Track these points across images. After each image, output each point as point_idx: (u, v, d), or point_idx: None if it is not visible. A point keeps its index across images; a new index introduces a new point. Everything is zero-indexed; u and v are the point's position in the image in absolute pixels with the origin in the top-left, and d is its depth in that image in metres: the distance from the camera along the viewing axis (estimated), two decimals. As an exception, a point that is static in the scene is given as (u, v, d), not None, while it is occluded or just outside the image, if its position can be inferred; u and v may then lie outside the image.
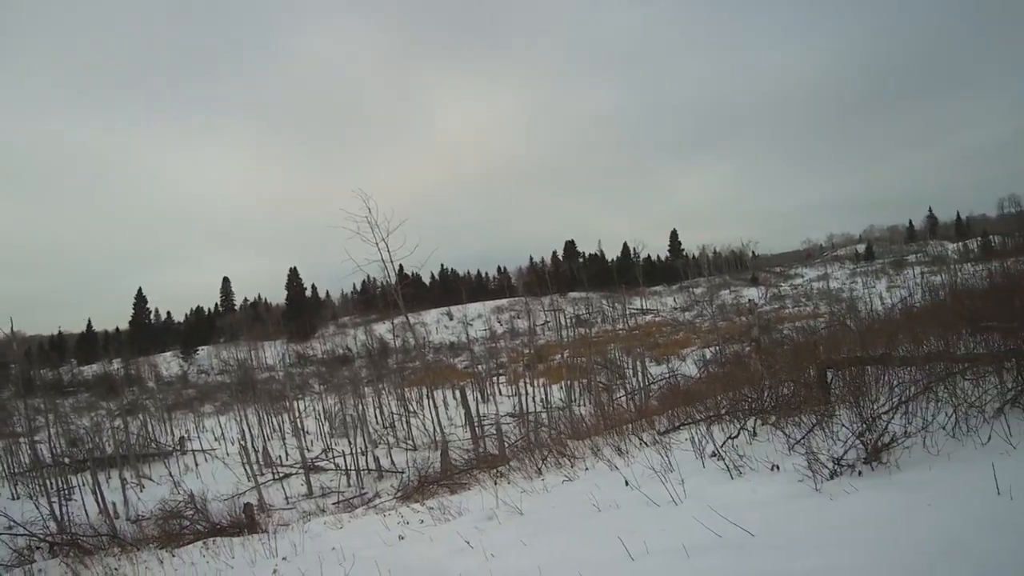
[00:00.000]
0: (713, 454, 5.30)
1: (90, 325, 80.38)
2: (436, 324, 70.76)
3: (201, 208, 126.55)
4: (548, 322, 60.51)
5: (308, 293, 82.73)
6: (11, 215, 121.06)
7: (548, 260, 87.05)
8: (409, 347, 51.90)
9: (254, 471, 23.30)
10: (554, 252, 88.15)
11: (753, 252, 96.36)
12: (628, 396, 22.11)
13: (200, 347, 73.20)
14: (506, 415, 27.91)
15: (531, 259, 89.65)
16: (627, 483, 5.34)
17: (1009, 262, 12.42)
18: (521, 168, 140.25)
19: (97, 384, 58.45)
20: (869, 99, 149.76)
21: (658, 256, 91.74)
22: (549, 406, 26.94)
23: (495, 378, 40.90)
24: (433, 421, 25.08)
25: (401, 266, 18.87)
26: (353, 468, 23.79)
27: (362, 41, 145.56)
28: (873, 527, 3.00)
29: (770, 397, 5.93)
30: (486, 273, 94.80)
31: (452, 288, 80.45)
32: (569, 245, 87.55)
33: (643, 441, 7.64)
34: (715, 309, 59.51)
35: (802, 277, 77.49)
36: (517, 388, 32.61)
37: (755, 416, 5.80)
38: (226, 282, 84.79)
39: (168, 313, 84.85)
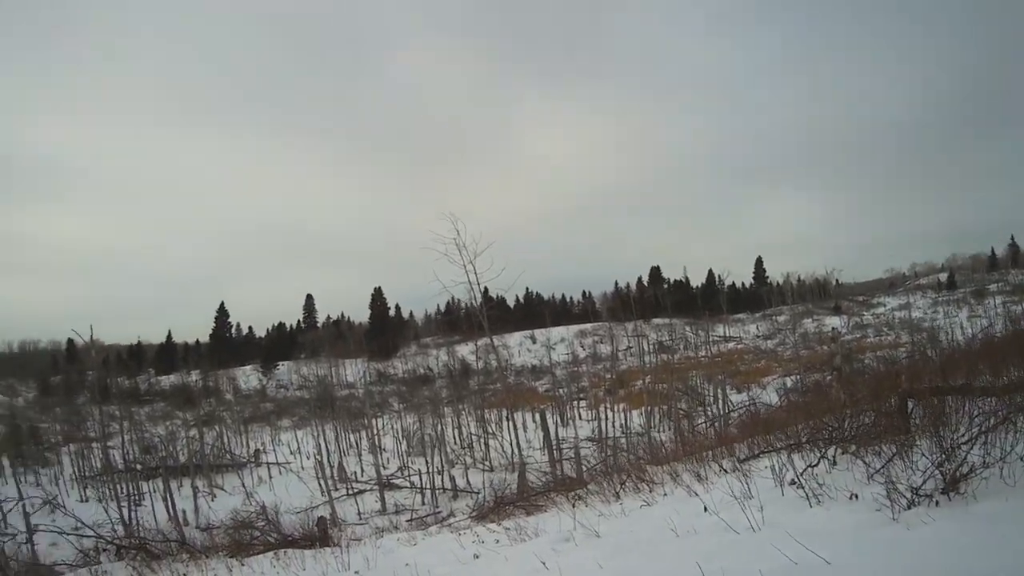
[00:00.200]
0: (792, 482, 5.24)
1: (170, 336, 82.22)
2: (519, 347, 71.34)
3: (287, 225, 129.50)
4: (631, 347, 59.79)
5: (391, 312, 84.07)
6: (99, 225, 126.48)
7: (633, 285, 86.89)
8: (491, 369, 52.32)
9: (328, 486, 23.47)
10: (639, 278, 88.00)
11: (836, 280, 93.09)
12: (708, 423, 21.63)
13: (280, 362, 74.62)
14: (585, 439, 27.82)
15: (616, 284, 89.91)
16: (706, 509, 5.26)
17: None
18: (608, 194, 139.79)
19: (174, 394, 59.22)
20: (955, 128, 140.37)
21: (742, 283, 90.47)
22: (628, 432, 26.63)
23: (575, 402, 40.78)
24: (512, 443, 25.39)
25: (486, 288, 19.26)
26: (428, 487, 23.80)
27: (452, 65, 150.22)
28: (948, 558, 2.99)
29: (850, 426, 5.87)
30: (570, 297, 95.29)
31: (536, 311, 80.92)
32: (654, 271, 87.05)
33: (722, 468, 7.53)
34: (797, 337, 57.98)
35: (884, 306, 74.38)
36: (597, 413, 32.42)
37: (836, 445, 5.74)
38: (309, 299, 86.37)
39: (250, 328, 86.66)
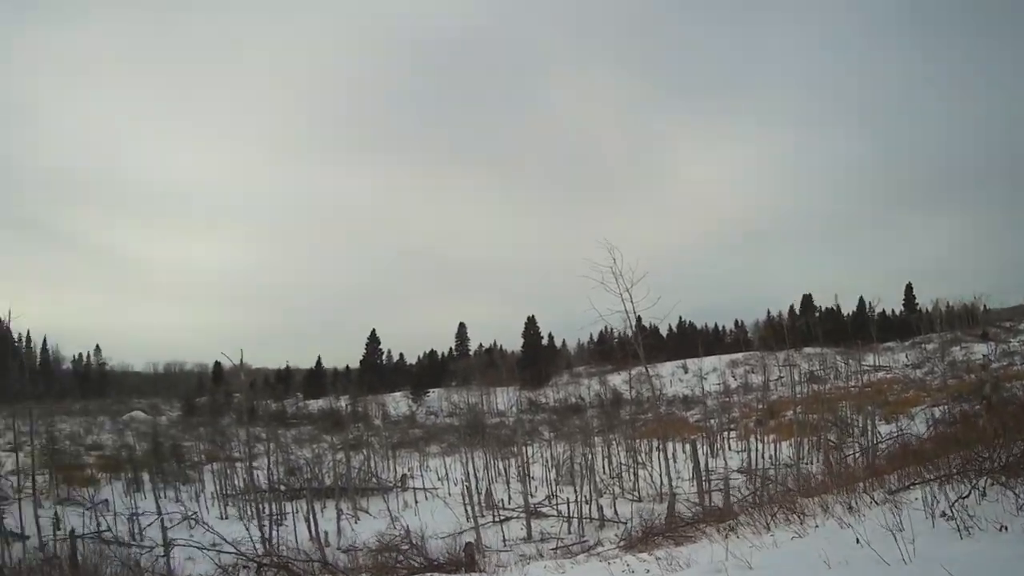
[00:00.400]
0: (943, 514, 5.26)
1: (319, 362, 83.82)
2: (671, 376, 69.48)
3: (439, 253, 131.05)
4: (782, 377, 56.67)
5: (544, 341, 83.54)
6: (256, 253, 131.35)
7: (785, 314, 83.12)
8: (642, 398, 51.51)
9: (475, 512, 23.42)
10: (791, 306, 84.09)
11: (984, 306, 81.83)
12: (856, 455, 20.52)
13: (431, 389, 75.03)
14: (735, 470, 26.92)
15: (768, 313, 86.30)
16: (858, 540, 5.29)
17: None
18: (761, 220, 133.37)
19: (322, 418, 59.54)
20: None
21: (892, 310, 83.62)
22: (777, 463, 25.42)
23: (725, 432, 39.27)
24: (661, 473, 25.17)
25: (640, 317, 18.71)
26: (576, 515, 23.50)
27: (603, 91, 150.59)
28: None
29: (1000, 456, 5.74)
30: (722, 326, 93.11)
31: (689, 340, 79.21)
32: (806, 299, 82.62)
33: (873, 499, 7.39)
34: (945, 366, 53.13)
35: (1032, 332, 65.50)
36: (747, 443, 31.07)
37: (986, 475, 5.67)
38: (462, 327, 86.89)
39: (400, 355, 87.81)
